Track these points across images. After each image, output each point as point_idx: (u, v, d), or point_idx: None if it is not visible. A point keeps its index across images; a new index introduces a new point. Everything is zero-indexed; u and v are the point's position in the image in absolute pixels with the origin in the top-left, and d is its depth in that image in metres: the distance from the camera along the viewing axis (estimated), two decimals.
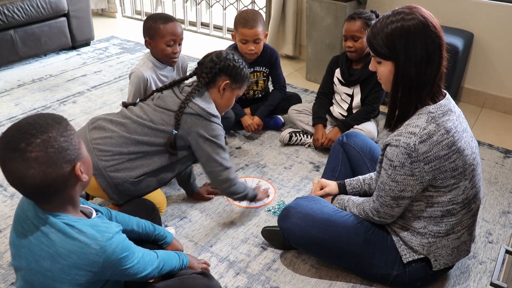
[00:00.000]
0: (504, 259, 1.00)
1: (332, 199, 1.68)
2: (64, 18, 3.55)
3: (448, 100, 1.38)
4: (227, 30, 4.15)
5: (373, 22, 2.25)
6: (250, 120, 2.48)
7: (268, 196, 2.02)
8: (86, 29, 3.74)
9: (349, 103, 2.41)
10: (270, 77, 2.63)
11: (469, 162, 1.36)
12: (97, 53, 3.75)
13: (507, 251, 1.02)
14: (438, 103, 1.35)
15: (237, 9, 4.02)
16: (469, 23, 2.82)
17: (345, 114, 2.44)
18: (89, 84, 3.18)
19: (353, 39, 2.26)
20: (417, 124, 1.32)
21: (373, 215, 1.49)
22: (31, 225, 1.03)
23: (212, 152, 1.65)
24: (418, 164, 1.31)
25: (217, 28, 4.25)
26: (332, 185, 1.72)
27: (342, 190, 1.72)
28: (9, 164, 0.95)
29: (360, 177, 1.72)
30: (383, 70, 1.38)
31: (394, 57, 1.33)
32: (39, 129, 0.96)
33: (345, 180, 1.74)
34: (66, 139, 0.99)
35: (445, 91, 1.42)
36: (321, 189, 1.73)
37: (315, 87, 3.18)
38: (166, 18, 2.04)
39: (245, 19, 2.33)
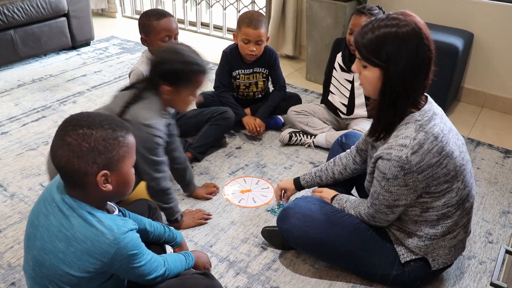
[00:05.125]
0: (504, 259, 1.01)
1: (332, 199, 1.68)
2: (64, 18, 3.55)
3: (430, 104, 1.36)
4: (227, 30, 4.15)
5: None
6: (251, 120, 2.48)
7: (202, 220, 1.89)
8: (86, 29, 3.73)
9: (350, 89, 2.41)
10: (269, 78, 2.63)
11: (459, 163, 1.35)
12: (97, 53, 3.74)
13: (507, 251, 1.02)
14: (422, 109, 1.33)
15: (237, 9, 4.02)
16: (469, 23, 2.82)
17: (346, 103, 2.43)
18: (89, 84, 3.18)
19: None
20: (406, 135, 1.30)
21: (368, 219, 1.49)
22: (56, 207, 1.08)
23: (142, 161, 1.61)
24: (411, 175, 1.30)
25: (217, 28, 4.25)
26: (327, 191, 1.71)
27: (298, 185, 1.79)
28: (55, 136, 1.06)
29: (312, 170, 1.77)
30: (368, 76, 1.33)
31: (382, 64, 1.28)
32: (89, 123, 1.04)
33: (300, 176, 1.80)
34: (106, 145, 1.04)
35: (425, 94, 1.39)
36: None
37: (315, 87, 3.19)
38: (159, 14, 2.03)
39: (250, 19, 2.33)
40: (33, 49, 3.41)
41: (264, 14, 3.67)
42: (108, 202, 1.20)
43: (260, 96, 2.65)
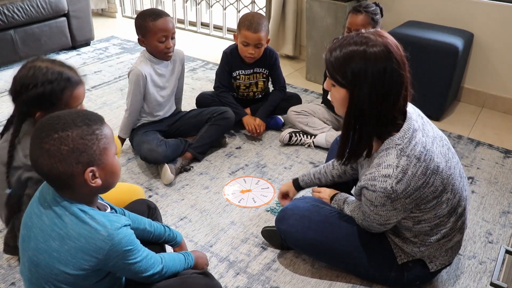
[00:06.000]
0: (504, 259, 1.01)
1: (331, 199, 1.68)
2: (64, 18, 3.55)
3: (409, 121, 1.30)
4: (227, 30, 4.15)
5: (377, 17, 2.24)
6: (251, 120, 2.48)
7: None
8: (86, 29, 3.73)
9: None
10: (270, 78, 2.63)
11: (446, 175, 1.32)
12: (97, 53, 3.74)
13: (507, 251, 1.02)
14: (401, 129, 1.28)
15: (237, 9, 4.02)
16: (469, 23, 2.82)
17: None
18: (89, 84, 3.17)
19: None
20: (388, 163, 1.26)
21: (364, 228, 1.49)
22: (48, 208, 1.08)
23: None
24: (399, 201, 1.29)
25: (217, 28, 4.25)
26: (326, 191, 1.71)
27: (297, 186, 1.78)
28: (32, 146, 1.05)
29: (311, 171, 1.76)
30: (336, 96, 1.30)
31: (347, 84, 1.24)
32: (63, 125, 1.03)
33: (299, 176, 1.79)
34: (85, 142, 1.04)
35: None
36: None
37: (315, 87, 3.19)
38: (156, 15, 2.03)
39: (250, 22, 2.32)
40: (33, 49, 3.40)
41: (264, 14, 3.67)
42: (99, 201, 1.21)
43: (260, 96, 2.65)
